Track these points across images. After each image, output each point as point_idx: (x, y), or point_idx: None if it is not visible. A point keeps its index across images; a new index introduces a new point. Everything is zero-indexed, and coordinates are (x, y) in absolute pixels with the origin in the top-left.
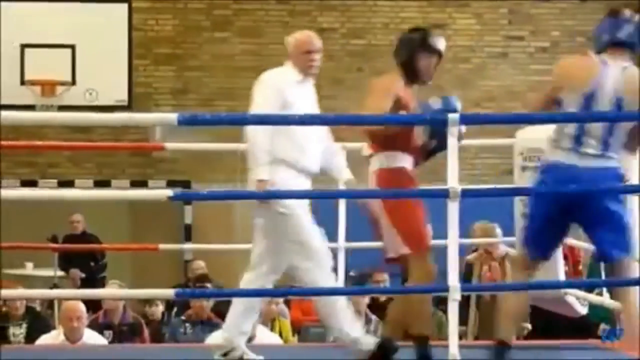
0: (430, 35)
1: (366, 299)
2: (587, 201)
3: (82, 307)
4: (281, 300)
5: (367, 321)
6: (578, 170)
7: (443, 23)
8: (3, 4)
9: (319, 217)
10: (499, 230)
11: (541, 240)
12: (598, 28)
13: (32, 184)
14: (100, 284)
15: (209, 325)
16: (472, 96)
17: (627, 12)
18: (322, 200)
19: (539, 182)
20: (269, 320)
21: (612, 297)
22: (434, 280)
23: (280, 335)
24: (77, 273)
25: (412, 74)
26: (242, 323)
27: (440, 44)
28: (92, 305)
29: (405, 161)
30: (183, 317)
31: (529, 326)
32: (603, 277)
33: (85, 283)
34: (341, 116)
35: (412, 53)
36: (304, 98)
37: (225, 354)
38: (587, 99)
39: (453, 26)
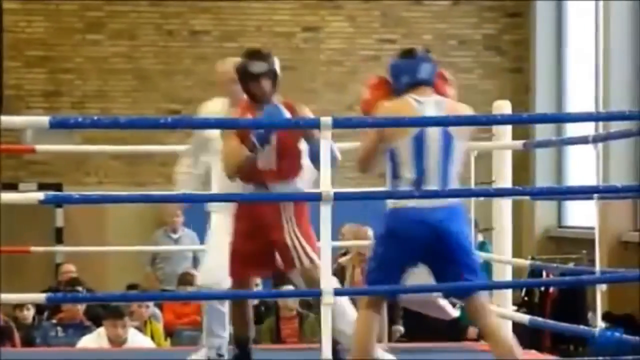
0: (249, 63)
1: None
2: (440, 241)
3: None
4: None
5: None
6: (422, 212)
7: (316, 26)
8: None
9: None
10: (371, 232)
11: (390, 283)
12: (395, 69)
13: None
14: None
15: (81, 328)
16: (345, 99)
17: (421, 50)
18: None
19: (386, 229)
20: (142, 323)
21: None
22: None
23: (153, 338)
24: None
25: (253, 99)
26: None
27: (259, 67)
28: None
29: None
30: (54, 321)
31: (402, 329)
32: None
33: None
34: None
35: (243, 82)
36: None
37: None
38: (418, 140)
39: (326, 29)
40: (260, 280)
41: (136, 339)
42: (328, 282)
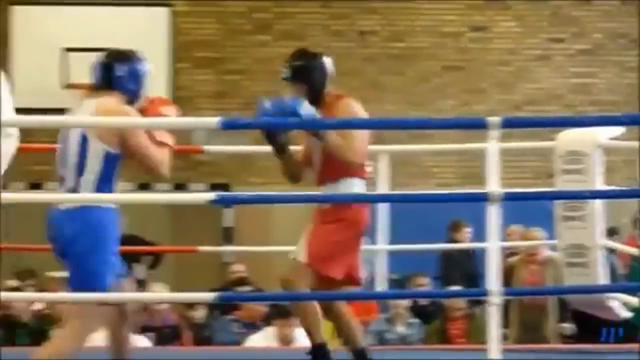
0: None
1: (407, 302)
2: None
3: None
4: None
5: (408, 325)
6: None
7: (484, 26)
8: (46, 8)
9: None
10: (541, 234)
11: None
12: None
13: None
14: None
15: (253, 327)
16: (513, 99)
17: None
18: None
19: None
20: None
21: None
22: None
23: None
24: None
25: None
26: None
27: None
28: None
29: None
30: (231, 317)
31: (569, 327)
32: None
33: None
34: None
35: None
36: None
37: None
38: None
39: (494, 29)
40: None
41: (304, 338)
42: (495, 281)
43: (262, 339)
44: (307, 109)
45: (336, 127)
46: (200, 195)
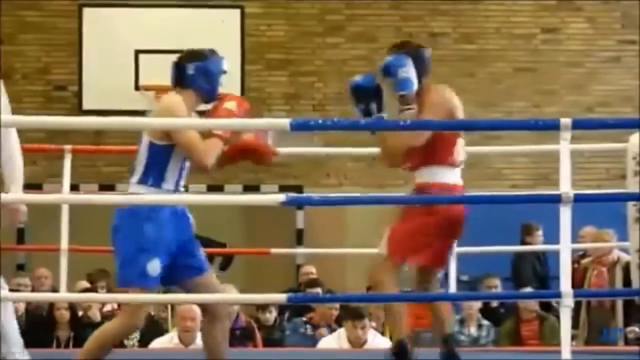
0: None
1: (478, 304)
2: None
3: (197, 309)
4: None
5: (479, 326)
6: None
7: (555, 27)
8: (117, 9)
9: None
10: (611, 236)
11: None
12: None
13: None
14: None
15: (329, 330)
16: (585, 101)
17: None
18: None
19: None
20: (380, 325)
21: None
22: None
23: (391, 339)
24: None
25: None
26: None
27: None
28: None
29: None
30: (305, 319)
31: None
32: None
33: None
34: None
35: None
36: None
37: None
38: None
39: (566, 30)
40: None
41: (376, 340)
42: (567, 283)
43: (334, 340)
44: (409, 70)
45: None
46: (271, 197)
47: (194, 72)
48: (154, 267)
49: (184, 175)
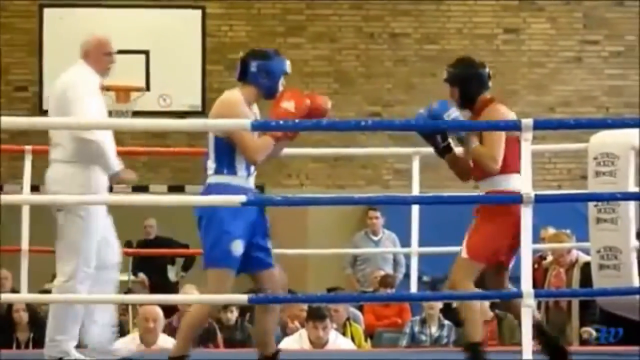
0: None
1: (439, 304)
2: None
3: (159, 310)
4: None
5: (441, 326)
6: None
7: (517, 27)
8: (78, 10)
9: (391, 222)
10: (570, 236)
11: None
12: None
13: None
14: (174, 288)
15: (287, 330)
16: (546, 101)
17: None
18: (396, 205)
19: None
20: (341, 325)
21: None
22: None
23: (353, 340)
24: (145, 277)
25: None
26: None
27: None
28: (166, 309)
29: None
30: None
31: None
32: None
33: (157, 288)
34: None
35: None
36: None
37: None
38: None
39: (527, 30)
40: None
41: (337, 341)
42: (528, 283)
43: (295, 341)
44: (452, 113)
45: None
46: (233, 197)
47: (256, 70)
48: (237, 247)
49: None
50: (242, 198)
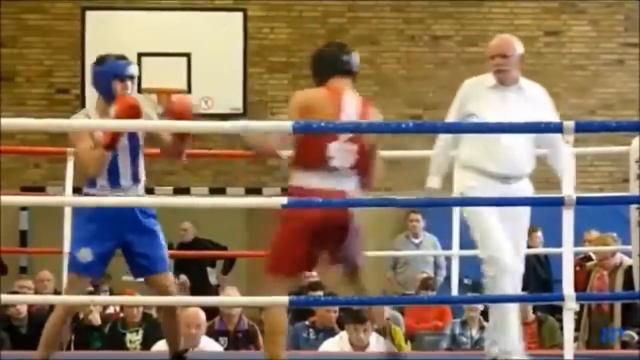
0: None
1: (480, 307)
2: None
3: (202, 314)
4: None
5: (481, 329)
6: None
7: (558, 30)
8: (120, 12)
9: (432, 224)
10: (615, 239)
11: None
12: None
13: (148, 191)
14: (214, 291)
15: (331, 333)
16: (588, 104)
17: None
18: (437, 208)
19: None
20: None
21: None
22: None
23: (393, 342)
24: (186, 279)
25: None
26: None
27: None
28: (208, 312)
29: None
30: (307, 323)
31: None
32: None
33: (197, 290)
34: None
35: None
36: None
37: None
38: None
39: (568, 33)
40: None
41: (378, 344)
42: (570, 287)
43: (336, 344)
44: None
45: None
46: (273, 200)
47: (92, 75)
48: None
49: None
50: (284, 200)
